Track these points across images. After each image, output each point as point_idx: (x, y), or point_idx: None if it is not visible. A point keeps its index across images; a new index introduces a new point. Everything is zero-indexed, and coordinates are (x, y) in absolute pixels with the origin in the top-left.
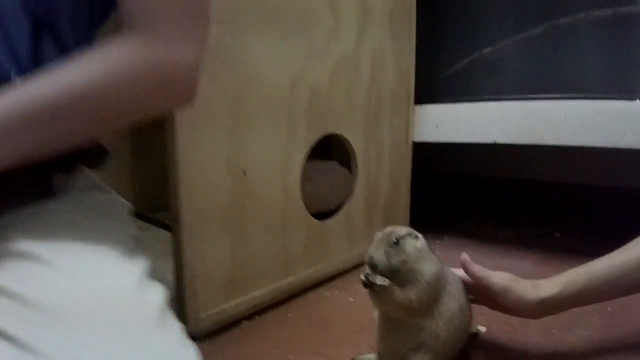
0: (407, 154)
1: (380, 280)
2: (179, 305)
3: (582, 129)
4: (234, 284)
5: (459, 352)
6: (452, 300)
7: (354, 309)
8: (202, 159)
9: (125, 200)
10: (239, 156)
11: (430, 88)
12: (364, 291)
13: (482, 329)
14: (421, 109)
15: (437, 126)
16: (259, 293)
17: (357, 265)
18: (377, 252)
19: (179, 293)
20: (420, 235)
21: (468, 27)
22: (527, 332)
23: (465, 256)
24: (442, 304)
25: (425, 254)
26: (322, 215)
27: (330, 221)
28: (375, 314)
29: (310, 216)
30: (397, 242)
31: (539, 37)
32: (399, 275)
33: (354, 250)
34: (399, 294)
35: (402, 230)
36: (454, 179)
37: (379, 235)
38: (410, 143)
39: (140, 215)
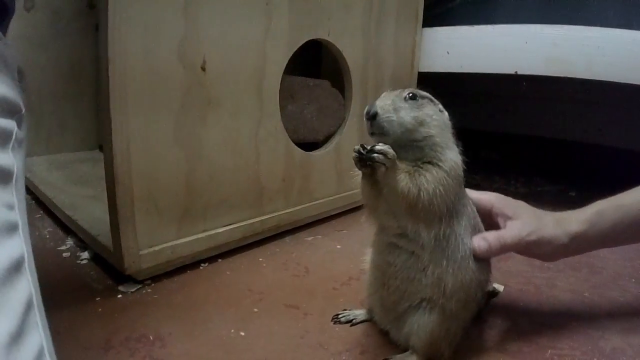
0: (412, 83)
1: (382, 146)
2: (113, 237)
3: (618, 61)
4: (190, 215)
5: (472, 315)
6: (467, 232)
7: (340, 257)
8: (143, 42)
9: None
10: (195, 45)
11: (442, 9)
12: (354, 237)
13: (500, 287)
14: (430, 32)
15: (448, 52)
16: (223, 230)
17: (347, 211)
18: (383, 101)
19: (112, 220)
20: (445, 111)
21: None
22: (553, 293)
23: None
24: (456, 230)
25: (449, 130)
26: (307, 145)
27: (317, 153)
28: (367, 261)
29: (292, 143)
30: (414, 97)
31: None
32: (409, 147)
33: (343, 193)
34: (404, 176)
35: (423, 92)
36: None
37: (387, 92)
38: (416, 71)
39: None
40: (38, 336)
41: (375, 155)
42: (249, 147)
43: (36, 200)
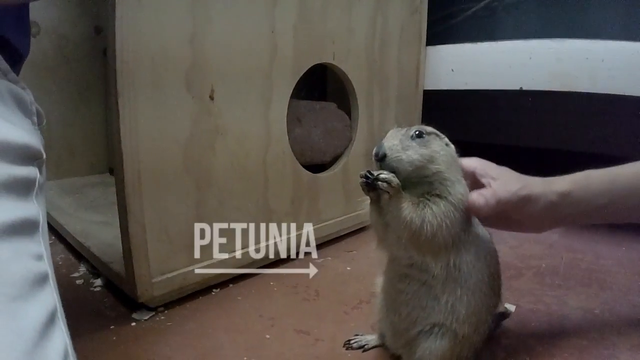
0: (417, 102)
1: (386, 174)
2: (126, 266)
3: (622, 74)
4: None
5: (483, 337)
6: (480, 257)
7: (350, 279)
8: (152, 72)
9: (32, 99)
10: (203, 75)
11: (446, 26)
12: (363, 259)
13: (511, 307)
14: (434, 51)
15: (452, 70)
16: (233, 255)
17: (356, 231)
18: (390, 141)
19: (125, 249)
20: (451, 144)
21: None
22: (564, 311)
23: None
24: (466, 260)
25: (457, 164)
26: (315, 167)
27: (324, 175)
28: (378, 284)
29: (300, 166)
30: (420, 135)
31: None
32: (419, 183)
33: (352, 213)
34: (408, 205)
35: (428, 128)
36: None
37: (393, 130)
38: (421, 90)
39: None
40: None
41: (380, 183)
42: (257, 172)
43: (47, 225)
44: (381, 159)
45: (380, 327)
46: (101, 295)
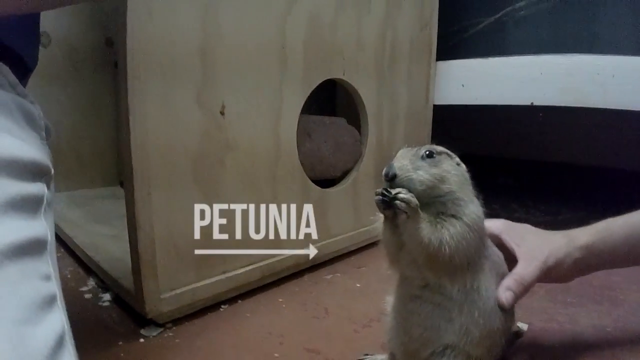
0: (427, 117)
1: (405, 194)
2: (135, 280)
3: (633, 89)
4: (210, 258)
5: (496, 358)
6: (496, 279)
7: (360, 296)
8: (163, 89)
9: (40, 113)
10: (213, 90)
11: (456, 41)
12: (373, 275)
13: (524, 326)
14: (444, 65)
15: (463, 85)
16: (242, 271)
17: (366, 247)
18: (400, 161)
19: (134, 264)
20: (462, 163)
21: None
22: (576, 329)
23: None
24: (484, 281)
25: (469, 183)
26: (324, 182)
27: (334, 190)
28: (388, 302)
29: (309, 180)
30: (431, 155)
31: None
32: (431, 203)
33: (361, 228)
34: (425, 226)
35: (439, 147)
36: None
37: (404, 149)
38: (431, 105)
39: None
40: None
41: (398, 202)
42: (266, 188)
43: (57, 237)
44: (391, 179)
45: (390, 347)
46: (110, 310)
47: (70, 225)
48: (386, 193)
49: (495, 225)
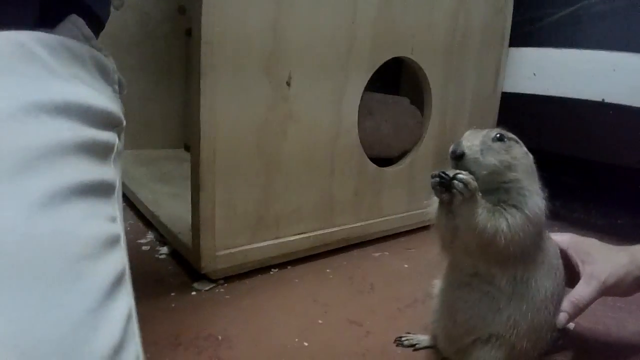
0: (494, 104)
1: (464, 175)
2: (193, 237)
3: None
4: (265, 223)
5: (540, 352)
6: (549, 273)
7: (408, 277)
8: (234, 55)
9: (114, 67)
10: (282, 60)
11: (530, 29)
12: (422, 258)
13: (571, 325)
14: (516, 52)
15: (534, 74)
16: (294, 238)
17: (417, 229)
18: (470, 141)
19: (193, 221)
20: (530, 154)
21: None
22: (622, 335)
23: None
24: (536, 274)
25: (535, 174)
26: (381, 161)
27: (390, 169)
28: (436, 285)
29: (367, 158)
30: (501, 139)
31: None
32: (494, 189)
33: (414, 210)
34: (483, 212)
35: (510, 133)
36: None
37: (472, 130)
38: (499, 92)
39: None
40: (135, 345)
41: (456, 182)
42: (324, 161)
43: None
44: (458, 158)
45: (433, 329)
46: (166, 263)
47: (134, 182)
48: (444, 175)
49: (563, 239)
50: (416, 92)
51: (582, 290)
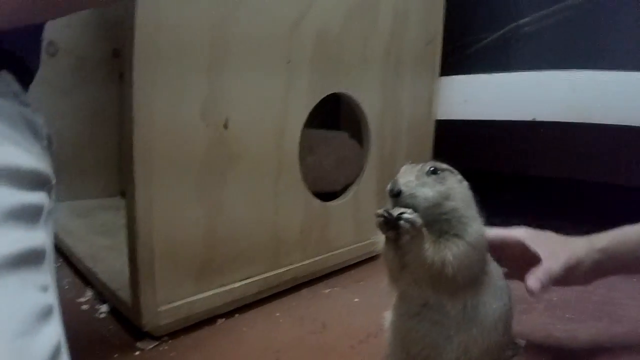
0: (430, 131)
1: (409, 214)
2: (132, 293)
3: (637, 105)
4: (208, 270)
5: None
6: (495, 294)
7: (359, 311)
8: (168, 102)
9: (43, 123)
10: (219, 105)
11: (460, 57)
12: (372, 289)
13: (521, 342)
14: (447, 81)
15: (465, 100)
16: (240, 284)
17: (365, 260)
18: (405, 177)
19: (132, 276)
20: (465, 180)
21: None
22: (574, 346)
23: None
24: (484, 298)
25: (472, 200)
26: (325, 195)
27: (335, 203)
28: (387, 318)
29: (311, 194)
30: (435, 172)
31: (583, 5)
32: (435, 221)
33: (362, 241)
34: (429, 246)
35: (442, 164)
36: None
37: (408, 165)
38: (434, 120)
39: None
40: None
41: (402, 222)
42: (267, 201)
43: (56, 247)
44: (396, 195)
45: None
46: (107, 322)
47: (70, 236)
48: (388, 215)
49: (518, 232)
50: (355, 125)
51: (550, 264)
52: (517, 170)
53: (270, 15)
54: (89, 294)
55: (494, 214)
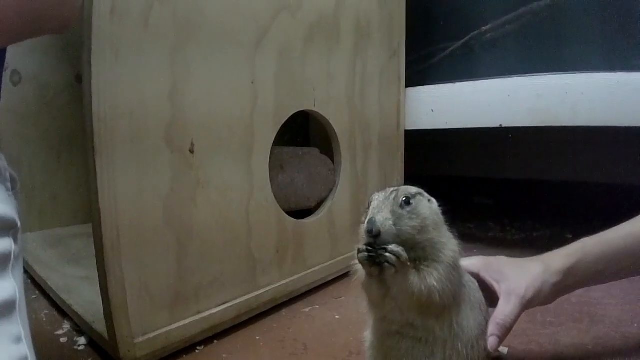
0: (400, 142)
1: (395, 247)
2: (107, 325)
3: (602, 106)
4: (182, 298)
5: None
6: (474, 307)
7: (340, 329)
8: (130, 127)
9: (5, 164)
10: (182, 129)
11: (424, 67)
12: (352, 305)
13: (504, 350)
14: (413, 92)
15: (432, 110)
16: (217, 310)
17: (343, 276)
18: (382, 214)
19: (105, 309)
20: (433, 199)
21: (466, 2)
22: (557, 349)
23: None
24: (466, 312)
25: (442, 222)
26: (299, 213)
27: (309, 220)
28: (367, 335)
29: (284, 213)
30: (408, 202)
31: (544, 10)
32: (410, 249)
33: (339, 257)
34: (414, 278)
35: (412, 188)
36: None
37: (379, 194)
38: (402, 131)
39: None
40: None
41: (388, 255)
42: (240, 222)
43: (31, 279)
44: (376, 237)
45: None
46: (85, 355)
47: (43, 266)
48: (372, 251)
49: (472, 263)
50: (326, 141)
51: (504, 310)
52: (489, 174)
53: (231, 31)
54: (66, 325)
55: (468, 218)
